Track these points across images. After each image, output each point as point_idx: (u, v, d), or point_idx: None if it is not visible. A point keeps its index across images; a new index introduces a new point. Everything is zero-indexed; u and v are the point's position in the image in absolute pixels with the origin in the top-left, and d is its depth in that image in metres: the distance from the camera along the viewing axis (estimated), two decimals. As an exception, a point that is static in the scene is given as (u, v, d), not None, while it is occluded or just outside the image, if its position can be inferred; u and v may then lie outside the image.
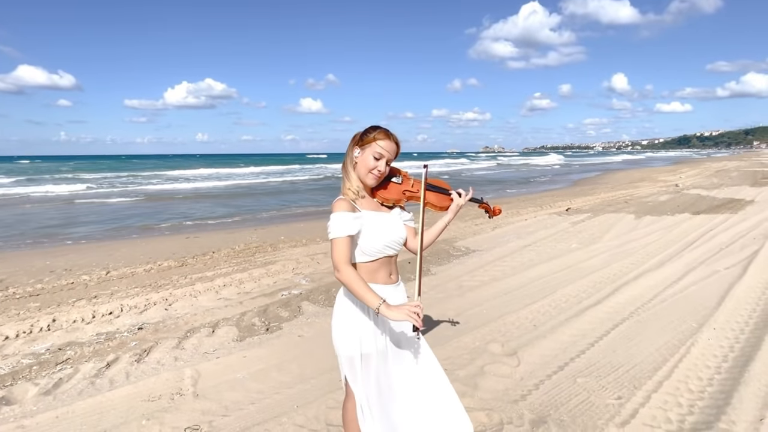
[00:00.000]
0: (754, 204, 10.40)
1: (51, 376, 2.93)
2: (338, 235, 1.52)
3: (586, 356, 3.03)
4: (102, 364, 3.08)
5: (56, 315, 4.06)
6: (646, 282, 4.65)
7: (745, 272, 4.84)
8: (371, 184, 1.65)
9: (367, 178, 1.63)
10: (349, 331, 1.61)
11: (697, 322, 3.56)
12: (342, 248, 1.52)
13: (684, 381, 2.68)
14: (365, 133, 1.64)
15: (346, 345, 1.62)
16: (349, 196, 1.63)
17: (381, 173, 1.63)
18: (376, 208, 1.69)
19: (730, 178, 18.90)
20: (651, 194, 13.06)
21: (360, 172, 1.64)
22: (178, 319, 3.93)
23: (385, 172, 1.65)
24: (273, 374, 2.90)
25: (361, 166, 1.63)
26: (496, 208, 1.91)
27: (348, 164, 1.67)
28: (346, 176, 1.67)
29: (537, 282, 4.77)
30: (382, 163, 1.62)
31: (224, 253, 6.59)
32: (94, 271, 5.75)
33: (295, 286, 4.86)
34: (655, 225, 7.93)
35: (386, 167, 1.64)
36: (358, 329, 1.61)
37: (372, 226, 1.61)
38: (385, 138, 1.62)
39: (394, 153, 1.65)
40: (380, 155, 1.61)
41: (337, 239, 1.52)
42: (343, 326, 1.63)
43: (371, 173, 1.62)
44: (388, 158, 1.63)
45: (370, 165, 1.61)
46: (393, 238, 1.67)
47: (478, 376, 2.78)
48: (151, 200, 15.74)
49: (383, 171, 1.63)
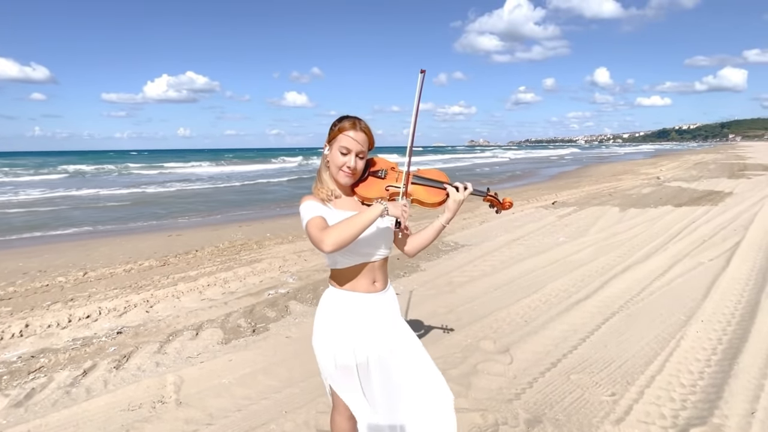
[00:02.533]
0: (733, 196, 10.65)
1: (23, 386, 2.77)
2: (310, 216, 1.39)
3: (579, 352, 3.02)
4: (78, 371, 2.93)
5: (29, 320, 3.86)
6: (633, 275, 4.68)
7: (728, 263, 4.92)
8: (344, 182, 1.50)
9: (338, 177, 1.49)
10: (339, 341, 1.50)
11: (685, 315, 3.58)
12: (316, 224, 1.36)
13: (676, 375, 2.68)
14: (332, 127, 1.49)
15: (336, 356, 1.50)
16: (320, 196, 1.50)
17: (352, 169, 1.47)
18: (356, 208, 1.51)
19: (708, 170, 19.36)
20: (634, 187, 13.27)
21: (332, 171, 1.50)
22: (160, 322, 3.79)
23: (356, 167, 1.47)
24: (260, 378, 2.80)
25: (331, 165, 1.50)
26: (506, 200, 1.62)
27: (321, 164, 1.54)
28: (318, 178, 1.53)
29: (527, 276, 4.76)
30: (351, 158, 1.46)
31: (208, 252, 6.41)
32: (71, 272, 5.51)
33: (282, 284, 4.75)
34: (640, 218, 8.03)
35: (357, 162, 1.47)
36: (349, 337, 1.50)
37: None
38: (351, 128, 1.45)
39: (366, 144, 1.48)
40: (347, 149, 1.45)
41: (309, 220, 1.37)
42: (330, 337, 1.51)
43: (341, 171, 1.47)
44: (358, 151, 1.46)
45: (338, 162, 1.46)
46: (372, 241, 1.49)
47: (471, 375, 2.73)
48: (133, 197, 15.29)
49: (354, 166, 1.46)
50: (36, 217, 10.94)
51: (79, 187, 18.15)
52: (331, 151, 1.48)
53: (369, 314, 1.53)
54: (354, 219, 1.34)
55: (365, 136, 1.47)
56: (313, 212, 1.41)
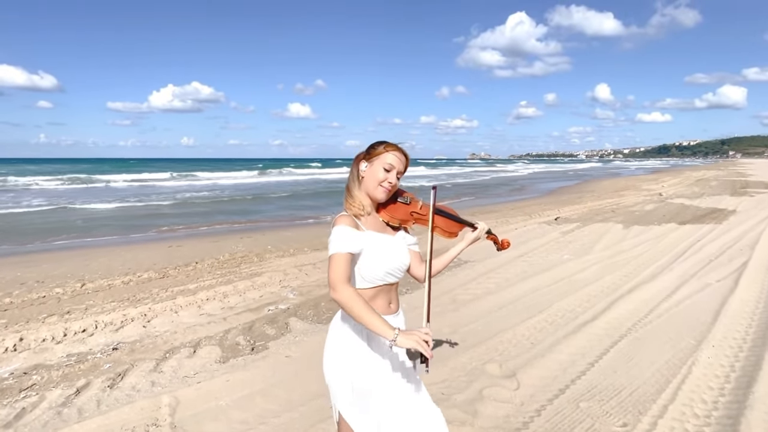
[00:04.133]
0: (737, 214, 10.59)
1: (13, 405, 2.69)
2: (338, 251, 1.40)
3: (587, 378, 2.92)
4: (71, 390, 2.84)
5: (24, 333, 3.78)
6: (640, 295, 4.59)
7: (736, 285, 4.84)
8: (381, 197, 1.55)
9: (376, 192, 1.54)
10: (349, 363, 1.46)
11: (695, 339, 3.49)
12: (341, 264, 1.39)
13: (689, 405, 2.59)
14: (373, 147, 1.56)
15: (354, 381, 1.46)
16: (353, 211, 1.53)
17: (392, 185, 1.54)
18: (381, 229, 1.58)
19: (710, 187, 19.33)
20: (636, 203, 13.22)
21: (368, 187, 1.55)
22: (157, 338, 3.70)
23: (396, 184, 1.56)
24: (258, 401, 2.71)
25: (370, 180, 1.54)
26: (505, 241, 1.82)
27: (352, 182, 1.58)
28: (349, 194, 1.57)
29: (531, 295, 4.67)
30: (392, 175, 1.54)
31: (208, 264, 6.34)
32: (69, 283, 5.44)
33: (283, 300, 4.67)
34: (644, 235, 7.96)
35: (397, 180, 1.56)
36: (367, 361, 1.46)
37: (375, 249, 1.49)
38: (396, 149, 1.55)
39: (405, 166, 1.57)
40: (391, 166, 1.53)
41: (336, 254, 1.40)
42: (340, 358, 1.48)
43: (381, 186, 1.53)
44: (398, 170, 1.55)
45: (380, 177, 1.53)
46: (396, 265, 1.55)
47: (477, 402, 2.64)
48: (136, 205, 15.27)
49: (394, 183, 1.55)
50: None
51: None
52: (371, 167, 1.54)
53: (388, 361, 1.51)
54: (367, 312, 1.34)
55: (406, 159, 1.58)
56: (343, 245, 1.41)
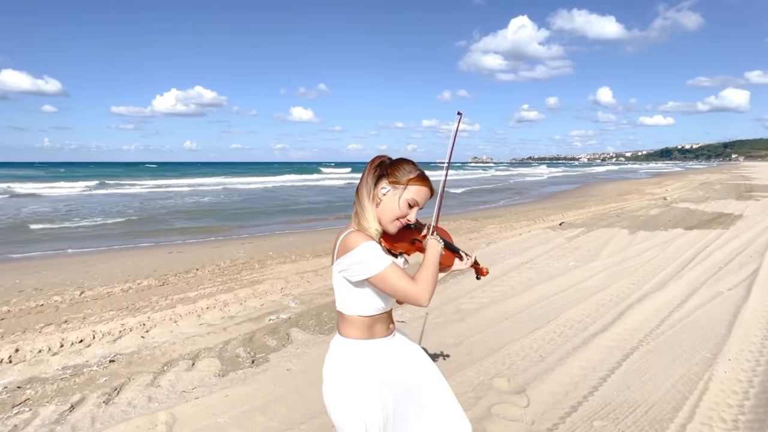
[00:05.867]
0: (744, 219, 10.45)
1: (5, 422, 2.59)
2: (386, 263, 1.25)
3: (600, 393, 2.81)
4: (65, 406, 2.75)
5: (20, 344, 3.70)
6: (650, 305, 4.48)
7: (749, 294, 4.72)
8: (392, 232, 1.34)
9: (389, 226, 1.32)
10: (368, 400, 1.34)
11: (710, 352, 3.38)
12: (400, 273, 1.25)
13: (708, 424, 2.48)
14: (399, 169, 1.31)
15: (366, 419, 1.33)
16: (369, 233, 1.31)
17: (408, 222, 1.34)
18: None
19: (714, 191, 19.17)
20: (641, 208, 13.09)
21: (382, 215, 1.32)
22: (155, 349, 3.61)
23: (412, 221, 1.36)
24: (258, 418, 2.61)
25: (388, 210, 1.31)
26: (483, 269, 1.66)
27: (366, 197, 1.32)
28: (362, 211, 1.32)
29: (538, 304, 4.56)
30: (414, 213, 1.33)
31: (208, 271, 6.25)
32: (67, 290, 5.36)
33: (284, 309, 4.57)
34: (650, 241, 7.84)
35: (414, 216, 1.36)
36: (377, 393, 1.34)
37: None
38: (426, 183, 1.33)
39: (427, 200, 1.37)
40: (416, 202, 1.32)
41: (386, 270, 1.23)
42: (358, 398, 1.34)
43: (398, 221, 1.32)
44: (421, 206, 1.35)
45: (399, 212, 1.31)
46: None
47: (485, 420, 2.53)
48: (138, 209, 15.22)
49: (412, 221, 1.34)
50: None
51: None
52: (393, 195, 1.31)
53: (391, 360, 1.41)
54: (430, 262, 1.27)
55: (431, 193, 1.37)
56: (385, 259, 1.27)
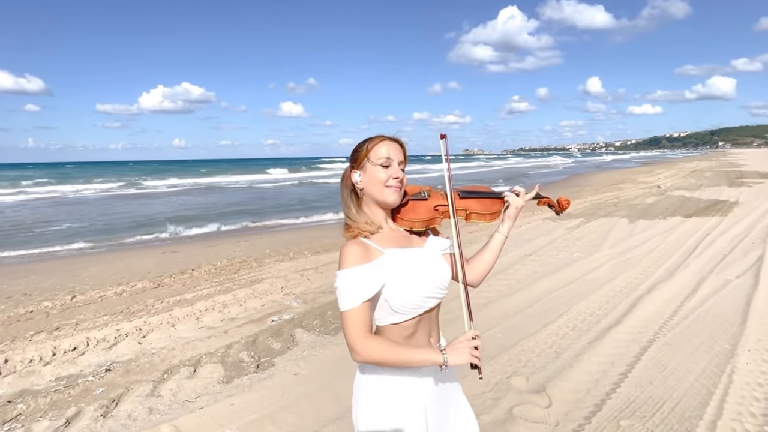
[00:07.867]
0: (740, 205, 10.48)
1: (-5, 441, 2.43)
2: (351, 306, 1.12)
3: (623, 390, 2.71)
4: (60, 421, 2.58)
5: (9, 354, 3.51)
6: (660, 295, 4.40)
7: (758, 281, 4.67)
8: (393, 200, 1.24)
9: (385, 196, 1.23)
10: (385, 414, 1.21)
11: (729, 343, 3.30)
12: (358, 321, 1.12)
13: (738, 419, 2.39)
14: (356, 152, 1.27)
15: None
16: (363, 235, 1.21)
17: (400, 180, 1.24)
18: (404, 242, 1.26)
19: (706, 178, 19.29)
20: (637, 196, 13.09)
21: (374, 195, 1.24)
22: (154, 356, 3.44)
23: (404, 177, 1.27)
24: (267, 428, 2.47)
25: (372, 187, 1.24)
26: (562, 199, 1.42)
27: (348, 206, 1.27)
28: (351, 216, 1.25)
29: (547, 298, 4.46)
30: (394, 168, 1.24)
31: (205, 271, 6.06)
32: (58, 295, 5.15)
33: (286, 309, 4.41)
34: (651, 230, 7.80)
35: (403, 173, 1.27)
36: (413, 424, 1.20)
37: (403, 272, 1.18)
38: (383, 140, 1.26)
39: (402, 153, 1.27)
40: (388, 159, 1.23)
41: (348, 312, 1.12)
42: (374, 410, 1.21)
43: (387, 186, 1.23)
44: (398, 160, 1.25)
45: (381, 177, 1.23)
46: (435, 284, 1.23)
47: (508, 423, 2.41)
48: (128, 209, 14.88)
49: (401, 176, 1.25)
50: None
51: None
52: (366, 173, 1.24)
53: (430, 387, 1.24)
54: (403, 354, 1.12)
55: (400, 145, 1.27)
56: (355, 296, 1.13)
